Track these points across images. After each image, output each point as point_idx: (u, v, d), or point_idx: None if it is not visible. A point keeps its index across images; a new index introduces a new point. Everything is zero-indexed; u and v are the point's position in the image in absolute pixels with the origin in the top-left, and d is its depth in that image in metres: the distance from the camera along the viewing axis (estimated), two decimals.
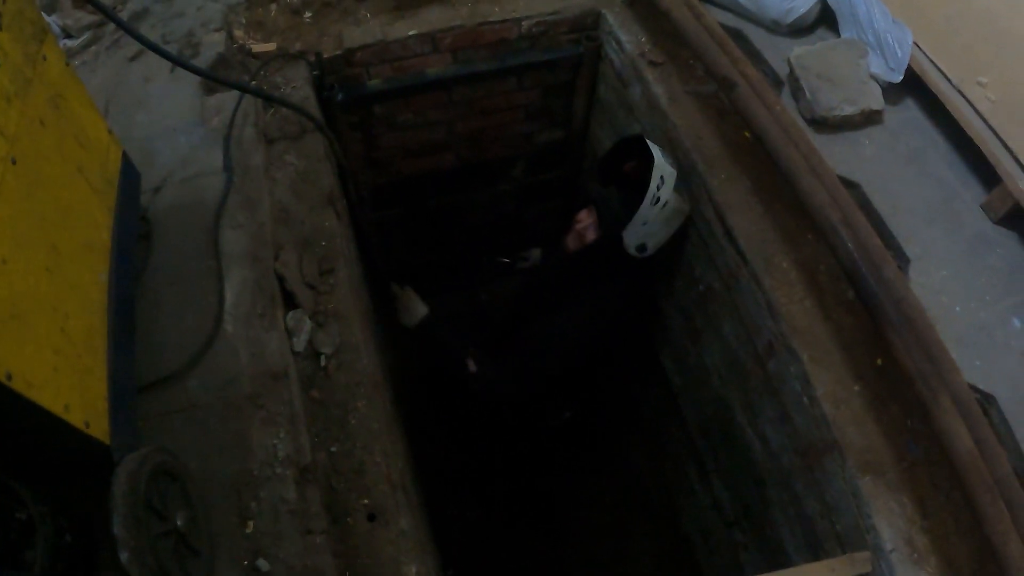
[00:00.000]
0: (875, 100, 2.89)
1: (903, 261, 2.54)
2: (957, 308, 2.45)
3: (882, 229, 2.59)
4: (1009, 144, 2.58)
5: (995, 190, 2.65)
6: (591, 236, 3.09)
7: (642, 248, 2.94)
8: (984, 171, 2.72)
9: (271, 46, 3.16)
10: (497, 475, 4.41)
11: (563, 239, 3.23)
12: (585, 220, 3.13)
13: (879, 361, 2.34)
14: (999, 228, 2.65)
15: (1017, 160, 2.55)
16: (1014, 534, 1.82)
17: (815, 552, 2.48)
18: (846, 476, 2.21)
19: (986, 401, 2.22)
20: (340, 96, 3.20)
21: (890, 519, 2.09)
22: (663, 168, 2.76)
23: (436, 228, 4.52)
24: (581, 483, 4.42)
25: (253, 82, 2.98)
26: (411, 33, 3.32)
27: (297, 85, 3.06)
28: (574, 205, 4.44)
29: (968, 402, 2.03)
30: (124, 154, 2.23)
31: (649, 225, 2.85)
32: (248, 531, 1.90)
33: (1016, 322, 2.41)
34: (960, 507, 2.05)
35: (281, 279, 2.40)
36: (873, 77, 2.93)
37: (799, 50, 3.01)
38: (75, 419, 1.55)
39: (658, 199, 2.76)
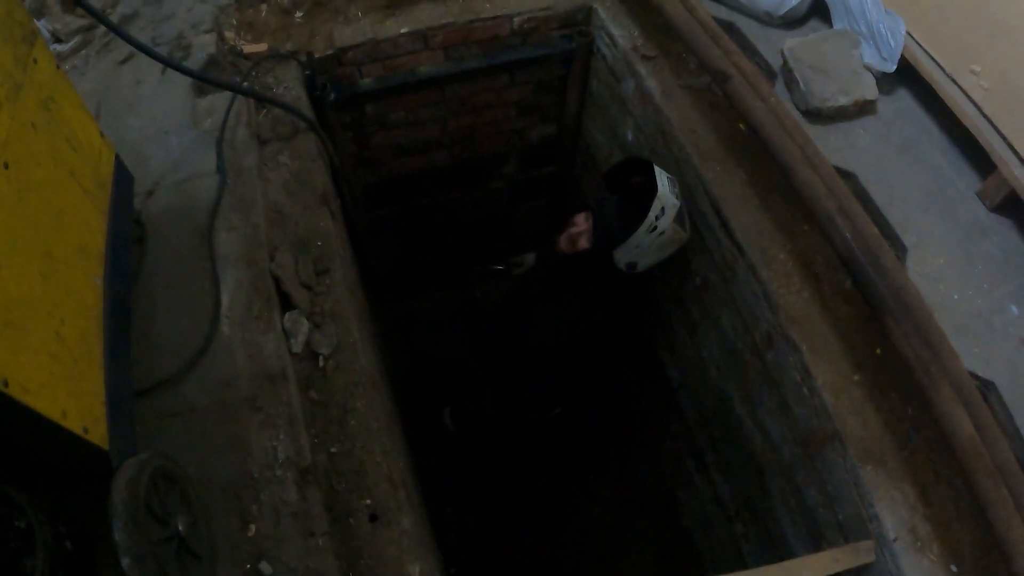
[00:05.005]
0: (869, 90, 2.89)
1: (900, 250, 2.53)
2: (955, 296, 2.45)
3: (878, 218, 2.58)
4: (1003, 131, 2.58)
5: (990, 178, 2.65)
6: (583, 244, 3.08)
7: (632, 266, 2.98)
8: (979, 159, 2.72)
9: (262, 47, 3.14)
10: (494, 473, 4.40)
11: (556, 237, 3.22)
12: (581, 225, 3.11)
13: (878, 350, 2.34)
14: (995, 215, 2.65)
15: (1011, 147, 2.55)
16: (1017, 519, 1.82)
17: (817, 543, 2.48)
18: (847, 466, 2.21)
19: (986, 388, 2.22)
20: (332, 96, 3.19)
21: (892, 507, 2.10)
22: (666, 199, 2.78)
23: (429, 227, 4.51)
24: (580, 479, 4.41)
25: (245, 83, 2.97)
26: (402, 31, 3.31)
27: (289, 85, 3.04)
28: (570, 203, 4.46)
29: (968, 389, 2.03)
30: (117, 157, 2.22)
31: (642, 248, 2.89)
32: (249, 534, 1.89)
33: (1014, 309, 2.41)
34: (962, 494, 2.06)
35: (277, 280, 2.39)
36: (866, 67, 2.93)
37: (792, 42, 3.01)
38: (73, 425, 1.54)
39: (655, 227, 2.80)
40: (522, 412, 3.55)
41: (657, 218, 2.77)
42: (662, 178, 2.82)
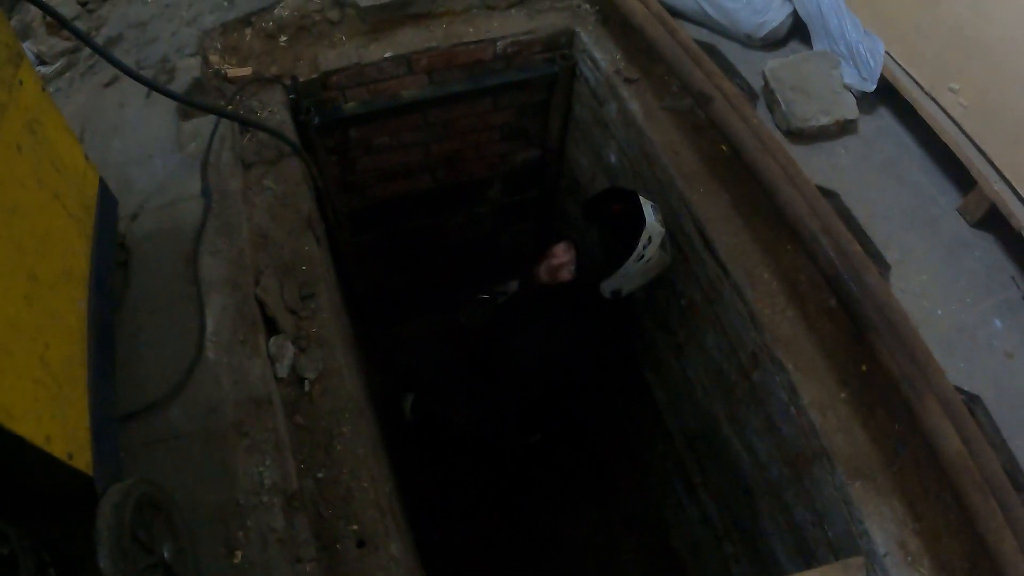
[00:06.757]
0: (849, 110, 2.93)
1: (883, 267, 2.55)
2: (939, 311, 2.47)
3: (861, 236, 2.61)
4: (983, 148, 2.62)
5: (970, 194, 2.68)
6: (565, 276, 3.05)
7: (617, 293, 2.96)
8: (959, 175, 2.75)
9: (247, 70, 3.15)
10: (481, 497, 4.37)
11: (535, 268, 3.19)
12: (561, 257, 3.06)
13: (864, 367, 2.34)
14: (976, 231, 2.68)
15: (991, 163, 2.58)
16: (1007, 531, 1.82)
17: (808, 561, 2.47)
18: (836, 483, 2.21)
19: (972, 402, 2.23)
20: (316, 120, 3.19)
21: (882, 523, 2.09)
22: (653, 229, 2.76)
23: (415, 251, 4.51)
24: (567, 502, 4.39)
25: (229, 107, 2.96)
26: (386, 55, 3.32)
27: (273, 109, 3.05)
28: (554, 227, 4.47)
29: (954, 403, 2.04)
30: (101, 180, 2.21)
31: (627, 276, 2.88)
32: (236, 561, 1.86)
33: (997, 322, 2.43)
34: (951, 507, 2.05)
35: (262, 305, 2.37)
36: (847, 87, 2.97)
37: (773, 63, 3.04)
38: (57, 450, 1.52)
39: (643, 256, 2.79)
40: (494, 436, 3.52)
41: (644, 247, 2.76)
42: (648, 208, 2.79)
